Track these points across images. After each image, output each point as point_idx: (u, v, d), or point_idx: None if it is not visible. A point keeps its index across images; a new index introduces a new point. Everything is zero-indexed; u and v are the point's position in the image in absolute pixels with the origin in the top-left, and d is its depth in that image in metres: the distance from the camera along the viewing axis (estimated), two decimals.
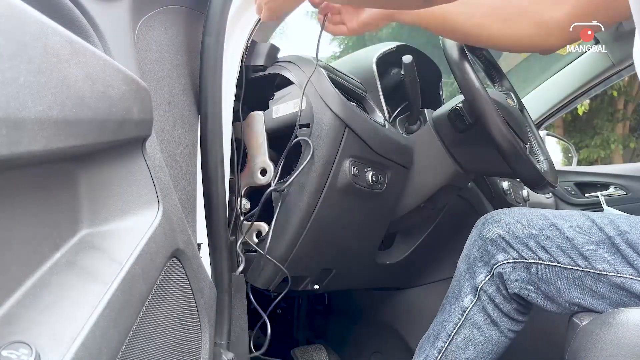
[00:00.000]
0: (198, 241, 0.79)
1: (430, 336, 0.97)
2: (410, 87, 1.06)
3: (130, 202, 0.54)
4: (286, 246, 0.88)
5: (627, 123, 9.21)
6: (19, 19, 0.35)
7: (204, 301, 0.70)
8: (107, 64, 0.47)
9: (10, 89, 0.33)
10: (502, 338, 0.91)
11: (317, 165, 0.86)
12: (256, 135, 0.93)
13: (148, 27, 0.73)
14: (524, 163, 0.95)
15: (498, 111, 0.94)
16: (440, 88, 1.36)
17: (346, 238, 1.01)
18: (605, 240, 0.82)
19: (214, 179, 0.80)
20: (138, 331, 0.51)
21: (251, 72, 0.97)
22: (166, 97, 0.75)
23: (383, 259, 1.21)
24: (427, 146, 1.11)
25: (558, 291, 0.84)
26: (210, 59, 0.79)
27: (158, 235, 0.55)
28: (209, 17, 0.80)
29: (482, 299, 0.90)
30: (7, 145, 0.32)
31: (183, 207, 0.71)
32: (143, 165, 0.56)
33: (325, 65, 0.97)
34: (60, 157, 0.42)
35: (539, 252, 0.86)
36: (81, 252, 0.46)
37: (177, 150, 0.75)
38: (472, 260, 0.93)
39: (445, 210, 1.26)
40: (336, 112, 0.86)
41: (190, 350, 0.65)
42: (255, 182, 0.92)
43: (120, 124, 0.48)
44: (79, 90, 0.41)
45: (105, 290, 0.44)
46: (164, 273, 0.58)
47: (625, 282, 0.79)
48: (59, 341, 0.38)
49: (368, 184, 0.94)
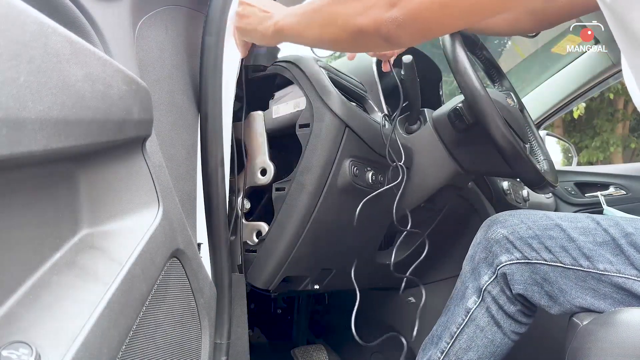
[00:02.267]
0: (198, 241, 0.79)
1: (433, 337, 0.97)
2: (410, 87, 1.06)
3: (131, 202, 0.54)
4: (286, 246, 0.88)
5: (627, 123, 9.21)
6: (19, 18, 0.35)
7: (204, 301, 0.70)
8: (107, 64, 0.47)
9: (11, 89, 0.33)
10: (505, 340, 0.90)
11: (317, 165, 0.86)
12: (256, 135, 0.93)
13: (148, 27, 0.73)
14: (524, 163, 0.95)
15: (498, 111, 0.94)
16: (440, 88, 1.36)
17: (346, 238, 1.01)
18: (609, 242, 0.82)
19: (214, 179, 0.79)
20: (138, 331, 0.51)
21: (251, 72, 0.97)
22: (166, 97, 0.75)
23: (383, 259, 1.21)
24: (427, 146, 1.11)
25: (561, 291, 0.84)
26: (211, 59, 0.79)
27: (158, 235, 0.55)
28: (209, 17, 0.80)
29: (486, 300, 0.90)
30: (8, 145, 0.32)
31: (183, 207, 0.71)
32: (143, 165, 0.56)
33: (325, 65, 0.97)
34: (60, 157, 0.42)
35: (542, 253, 0.86)
36: (81, 252, 0.46)
37: (177, 150, 0.75)
38: (476, 262, 0.93)
39: (445, 210, 1.26)
40: (336, 112, 0.86)
41: (190, 350, 0.65)
42: (255, 182, 0.92)
43: (120, 124, 0.48)
44: (79, 90, 0.41)
45: (106, 290, 0.44)
46: (164, 273, 0.58)
47: (626, 282, 0.79)
48: (59, 341, 0.38)
49: (368, 184, 0.94)
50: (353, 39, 0.72)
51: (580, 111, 7.17)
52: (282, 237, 0.88)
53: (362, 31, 0.69)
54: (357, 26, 0.69)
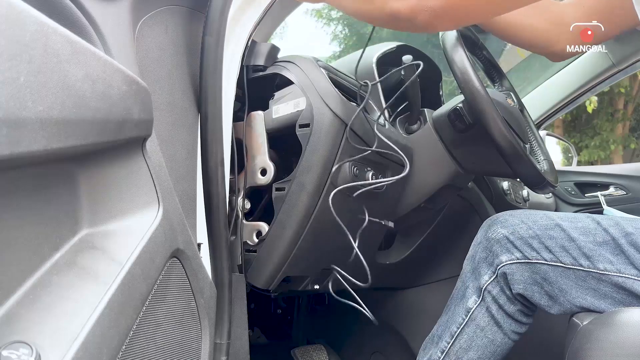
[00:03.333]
0: (198, 241, 0.79)
1: (434, 336, 0.98)
2: (410, 87, 1.06)
3: (131, 202, 0.54)
4: (286, 246, 0.88)
5: (627, 123, 9.21)
6: (19, 18, 0.35)
7: (204, 301, 0.70)
8: (108, 64, 0.47)
9: (11, 89, 0.33)
10: (505, 340, 0.91)
11: (317, 165, 0.86)
12: (256, 135, 0.93)
13: (148, 27, 0.73)
14: (524, 163, 0.95)
15: (498, 111, 0.94)
16: (440, 88, 1.36)
17: (346, 238, 1.01)
18: (610, 241, 0.82)
19: (214, 179, 0.79)
20: (138, 331, 0.51)
21: (251, 72, 0.97)
22: (166, 97, 0.75)
23: (383, 259, 1.21)
24: (427, 146, 1.11)
25: (561, 291, 0.84)
26: (211, 59, 0.79)
27: (158, 235, 0.55)
28: (209, 17, 0.80)
29: (487, 300, 0.91)
30: (8, 145, 0.32)
31: (183, 207, 0.71)
32: (143, 165, 0.56)
33: (325, 65, 0.97)
34: (61, 157, 0.42)
35: (542, 252, 0.86)
36: (81, 252, 0.46)
37: (177, 150, 0.75)
38: (477, 261, 0.93)
39: (445, 210, 1.26)
40: (336, 112, 0.86)
41: (190, 350, 0.65)
42: (256, 182, 0.92)
43: (120, 124, 0.48)
44: (79, 90, 0.40)
45: (106, 290, 0.44)
46: (164, 273, 0.58)
47: (627, 282, 0.79)
48: (59, 341, 0.38)
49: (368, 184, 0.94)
50: (388, 20, 0.73)
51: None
52: (282, 237, 0.88)
53: (398, 15, 0.70)
54: (393, 10, 0.70)
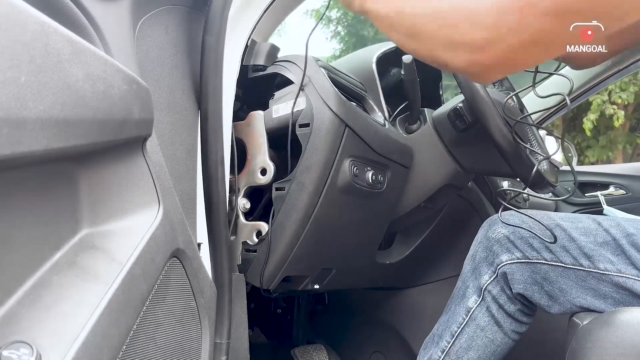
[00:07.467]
0: (198, 241, 0.79)
1: (434, 336, 0.98)
2: (410, 87, 1.06)
3: (131, 201, 0.54)
4: (286, 246, 0.88)
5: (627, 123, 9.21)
6: (20, 18, 0.35)
7: (204, 301, 0.70)
8: (108, 63, 0.47)
9: (11, 89, 0.33)
10: (505, 339, 0.91)
11: (317, 165, 0.86)
12: (256, 135, 0.93)
13: (148, 26, 0.73)
14: (523, 162, 0.95)
15: (498, 111, 0.94)
16: (440, 88, 1.36)
17: (346, 237, 1.01)
18: (610, 242, 0.82)
19: (214, 178, 0.80)
20: (139, 331, 0.51)
21: (251, 72, 0.97)
22: (166, 96, 0.75)
23: (383, 258, 1.21)
24: (427, 146, 1.11)
25: (561, 291, 0.84)
26: (211, 59, 0.79)
27: (158, 235, 0.55)
28: (209, 17, 0.80)
29: (487, 300, 0.91)
30: (8, 145, 0.32)
31: (183, 207, 0.71)
32: (143, 165, 0.56)
33: (325, 64, 0.97)
34: (61, 157, 0.42)
35: (542, 252, 0.86)
36: (81, 252, 0.46)
37: (178, 149, 0.75)
38: (477, 261, 0.93)
39: (445, 209, 1.26)
40: (336, 112, 0.86)
41: (190, 349, 0.65)
42: (255, 182, 0.92)
43: (120, 124, 0.48)
44: (79, 90, 0.40)
45: (106, 290, 0.44)
46: (164, 273, 0.58)
47: (627, 282, 0.79)
48: (59, 341, 0.38)
49: (368, 184, 0.94)
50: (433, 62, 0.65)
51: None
52: (282, 237, 0.88)
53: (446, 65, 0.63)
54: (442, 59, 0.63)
